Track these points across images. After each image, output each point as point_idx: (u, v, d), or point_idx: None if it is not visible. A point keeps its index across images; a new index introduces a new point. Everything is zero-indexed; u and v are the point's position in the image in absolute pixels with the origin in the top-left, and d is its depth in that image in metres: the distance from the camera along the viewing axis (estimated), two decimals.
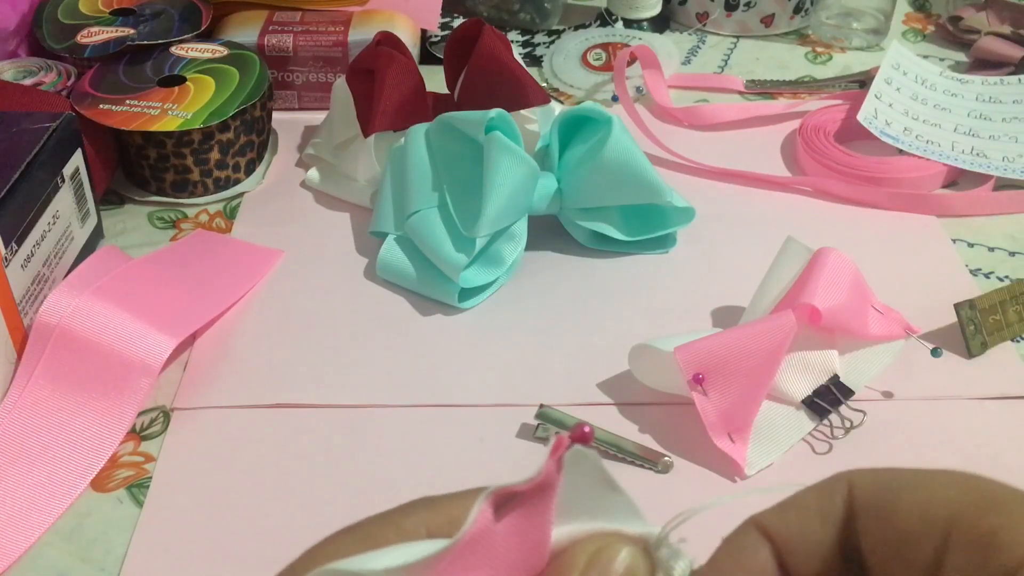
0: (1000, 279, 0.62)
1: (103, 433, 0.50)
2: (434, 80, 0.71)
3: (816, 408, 0.51)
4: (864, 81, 0.79)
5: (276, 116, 0.74)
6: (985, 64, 0.83)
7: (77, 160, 0.59)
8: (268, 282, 0.61)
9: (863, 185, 0.67)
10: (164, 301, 0.55)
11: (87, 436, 0.49)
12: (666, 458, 0.49)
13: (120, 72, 0.68)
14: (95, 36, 0.72)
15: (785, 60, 0.85)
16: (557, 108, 0.68)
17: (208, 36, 0.75)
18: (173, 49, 0.71)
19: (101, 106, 0.64)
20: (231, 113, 0.65)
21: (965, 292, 0.58)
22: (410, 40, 0.75)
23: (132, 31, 0.72)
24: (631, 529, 0.21)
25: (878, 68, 0.76)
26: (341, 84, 0.67)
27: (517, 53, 0.72)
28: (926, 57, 0.83)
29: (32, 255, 0.54)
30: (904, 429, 0.51)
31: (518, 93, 0.63)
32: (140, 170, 0.67)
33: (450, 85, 0.69)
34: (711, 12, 0.88)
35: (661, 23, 0.89)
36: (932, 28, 0.91)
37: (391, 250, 0.60)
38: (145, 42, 0.71)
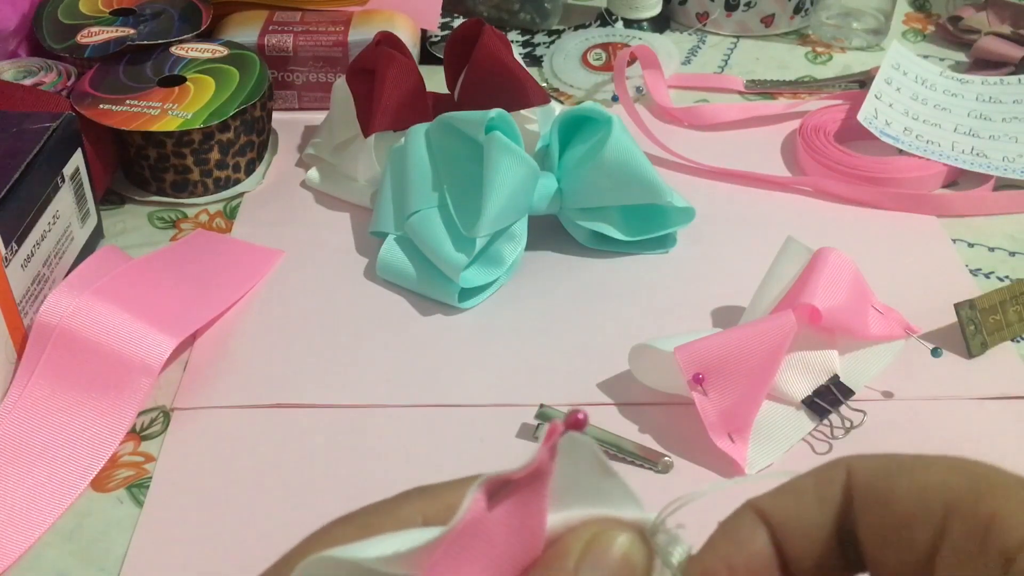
0: (1000, 279, 0.62)
1: (103, 433, 0.50)
2: (434, 80, 0.71)
3: (816, 408, 0.51)
4: (864, 81, 0.79)
5: (276, 116, 0.74)
6: (985, 64, 0.83)
7: (77, 160, 0.59)
8: (268, 282, 0.61)
9: (863, 185, 0.67)
10: (164, 301, 0.55)
11: (87, 436, 0.49)
12: (666, 458, 0.49)
13: (120, 72, 0.68)
14: (95, 36, 0.71)
15: (785, 60, 0.85)
16: (557, 108, 0.68)
17: (208, 36, 0.75)
18: (173, 49, 0.71)
19: (101, 106, 0.64)
20: (231, 113, 0.65)
21: (965, 292, 0.57)
22: (410, 40, 0.75)
23: (132, 31, 0.72)
24: (628, 515, 0.20)
25: (878, 68, 0.76)
26: (341, 84, 0.67)
27: (517, 53, 0.72)
28: (926, 57, 0.83)
29: (32, 255, 0.54)
30: (904, 429, 0.51)
31: (518, 93, 0.63)
32: (140, 170, 0.67)
33: (450, 85, 0.69)
34: (711, 12, 0.88)
35: (661, 23, 0.89)
36: (932, 28, 0.91)
37: (391, 250, 0.60)
38: (145, 42, 0.70)
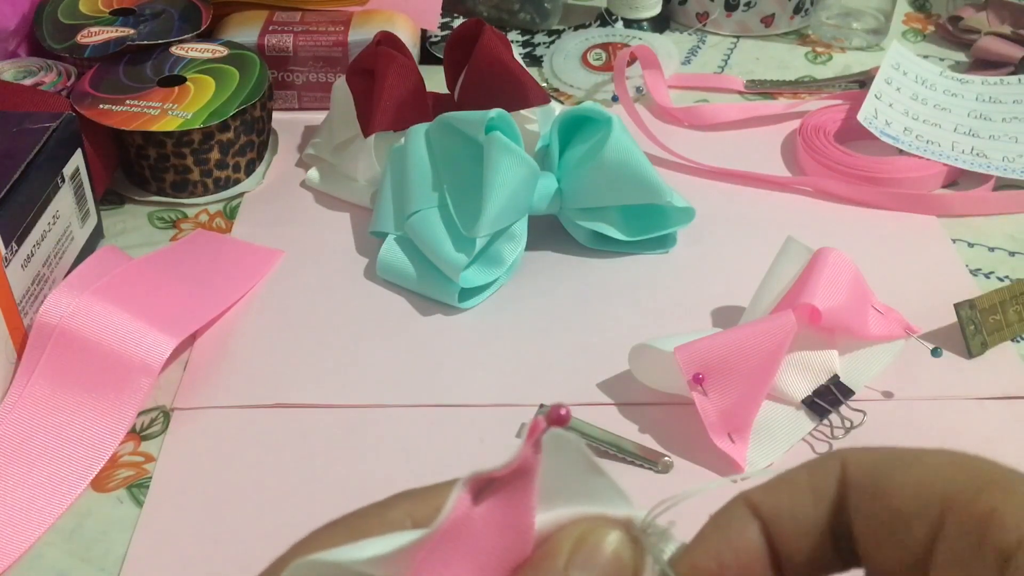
0: (1000, 279, 0.62)
1: (103, 433, 0.50)
2: (434, 80, 0.71)
3: (816, 408, 0.51)
4: (864, 81, 0.79)
5: (276, 116, 0.74)
6: (985, 64, 0.83)
7: (77, 160, 0.59)
8: (268, 282, 0.61)
9: (863, 185, 0.67)
10: (164, 301, 0.55)
11: (87, 436, 0.49)
12: (666, 458, 0.49)
13: (120, 72, 0.68)
14: (95, 36, 0.71)
15: (785, 60, 0.85)
16: (557, 108, 0.68)
17: (208, 36, 0.75)
18: (173, 49, 0.71)
19: (101, 106, 0.64)
20: (231, 113, 0.65)
21: (965, 292, 0.57)
22: (410, 40, 0.75)
23: (132, 31, 0.72)
24: (618, 512, 0.20)
25: (878, 68, 0.76)
26: (341, 84, 0.67)
27: (517, 53, 0.72)
28: (926, 57, 0.83)
29: (32, 255, 0.54)
30: (904, 429, 0.51)
31: (518, 93, 0.63)
32: (140, 170, 0.67)
33: (450, 85, 0.69)
34: (711, 12, 0.88)
35: (661, 23, 0.89)
36: (932, 28, 0.91)
37: (391, 250, 0.60)
38: (145, 42, 0.70)
